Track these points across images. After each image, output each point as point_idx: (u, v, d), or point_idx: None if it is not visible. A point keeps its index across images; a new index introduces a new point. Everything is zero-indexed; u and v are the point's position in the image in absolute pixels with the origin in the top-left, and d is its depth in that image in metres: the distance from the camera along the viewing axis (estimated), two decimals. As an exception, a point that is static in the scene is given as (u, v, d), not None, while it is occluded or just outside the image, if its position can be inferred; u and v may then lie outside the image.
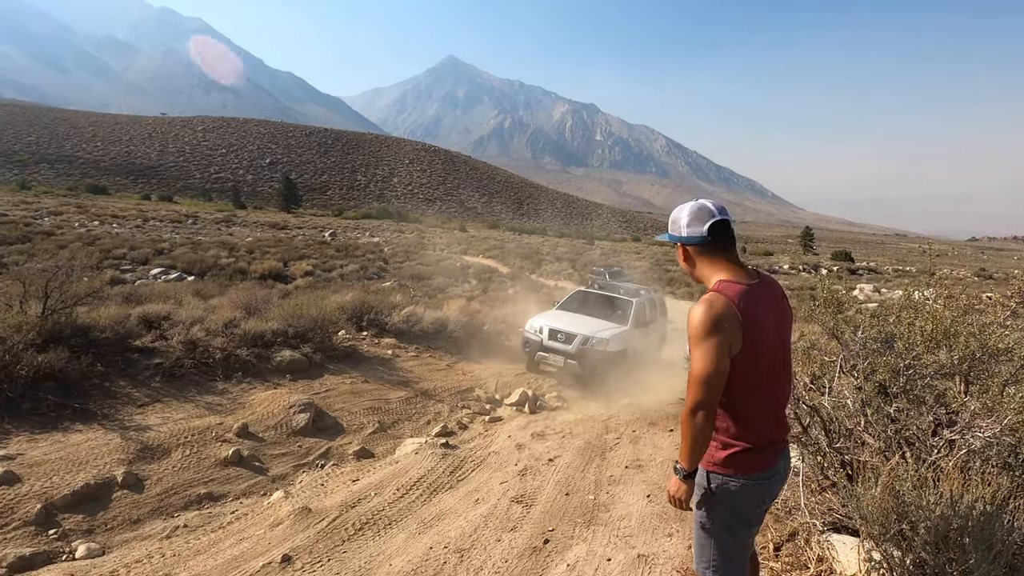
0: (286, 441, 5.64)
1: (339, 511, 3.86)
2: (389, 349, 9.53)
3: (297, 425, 5.92)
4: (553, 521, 3.41)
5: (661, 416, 6.18)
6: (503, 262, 37.72)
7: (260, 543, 3.45)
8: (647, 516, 3.30)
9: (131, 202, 66.41)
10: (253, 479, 4.86)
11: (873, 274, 42.47)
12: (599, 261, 38.51)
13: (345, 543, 3.43)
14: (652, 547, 2.88)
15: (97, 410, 5.35)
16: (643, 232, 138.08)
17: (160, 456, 4.81)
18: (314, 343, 8.17)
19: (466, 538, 3.27)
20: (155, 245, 25.57)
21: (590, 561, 2.81)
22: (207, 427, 5.40)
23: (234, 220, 52.53)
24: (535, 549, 3.03)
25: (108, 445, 4.73)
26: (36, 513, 3.76)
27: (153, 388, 6.08)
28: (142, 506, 4.17)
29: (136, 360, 6.48)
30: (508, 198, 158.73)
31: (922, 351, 2.35)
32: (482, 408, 7.79)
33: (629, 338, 9.52)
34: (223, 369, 6.82)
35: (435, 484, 4.46)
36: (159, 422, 5.38)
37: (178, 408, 5.79)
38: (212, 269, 20.43)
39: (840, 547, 2.44)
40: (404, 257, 31.82)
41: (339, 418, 6.43)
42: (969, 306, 2.51)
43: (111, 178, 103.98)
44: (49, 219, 33.97)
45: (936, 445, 2.26)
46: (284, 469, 5.18)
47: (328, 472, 5.09)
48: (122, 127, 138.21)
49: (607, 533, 3.14)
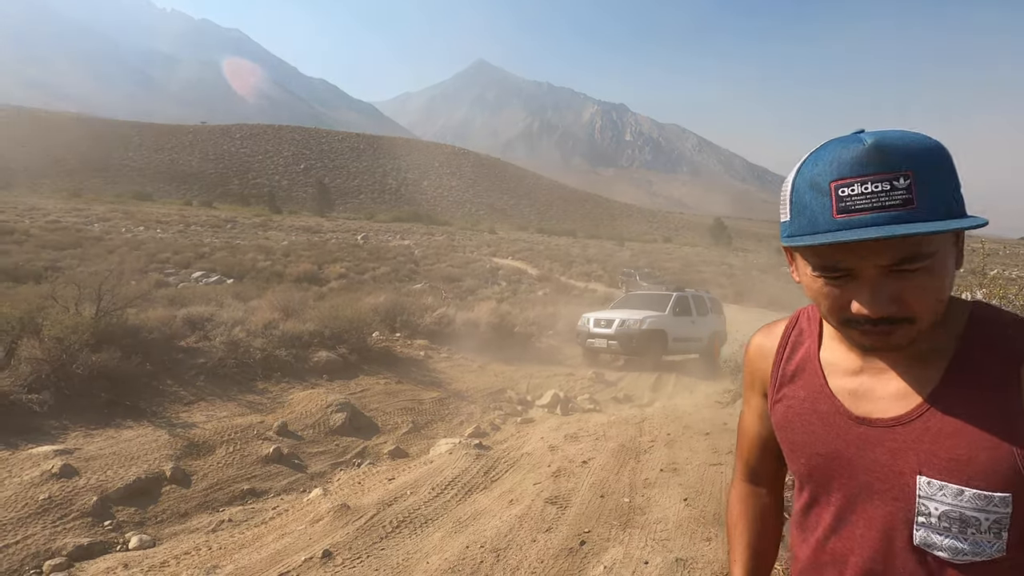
0: (324, 440, 5.78)
1: (376, 509, 3.93)
2: (422, 350, 9.66)
3: (334, 424, 6.05)
4: (588, 523, 3.40)
5: (697, 419, 6.08)
6: (533, 264, 37.74)
7: (301, 538, 3.55)
8: (684, 520, 3.26)
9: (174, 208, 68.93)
10: (293, 476, 4.99)
11: (917, 274, 40.84)
12: (629, 263, 38.18)
13: (383, 540, 3.50)
14: (690, 551, 2.85)
15: (146, 407, 5.59)
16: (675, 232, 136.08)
17: (205, 452, 4.99)
18: (349, 344, 8.34)
19: (502, 538, 3.30)
20: (196, 249, 26.51)
21: (627, 564, 2.80)
22: (249, 425, 5.57)
23: (270, 224, 53.99)
24: (571, 551, 3.03)
25: (157, 441, 4.93)
26: (92, 505, 3.95)
27: (197, 387, 6.31)
28: (189, 500, 4.33)
29: (181, 360, 6.74)
30: (537, 200, 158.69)
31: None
32: (514, 409, 7.82)
33: (667, 322, 11.23)
34: (263, 369, 7.03)
35: (469, 484, 4.50)
36: (204, 419, 5.59)
37: (221, 406, 6.00)
38: (250, 272, 21.08)
39: None
40: (435, 259, 32.17)
41: (374, 418, 6.55)
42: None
43: (155, 185, 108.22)
44: (99, 225, 35.59)
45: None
46: (322, 467, 5.30)
47: (365, 471, 5.19)
48: (165, 136, 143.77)
49: (643, 536, 3.12)
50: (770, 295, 24.84)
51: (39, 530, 3.63)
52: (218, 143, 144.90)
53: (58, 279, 10.48)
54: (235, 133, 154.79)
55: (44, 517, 3.76)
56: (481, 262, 32.89)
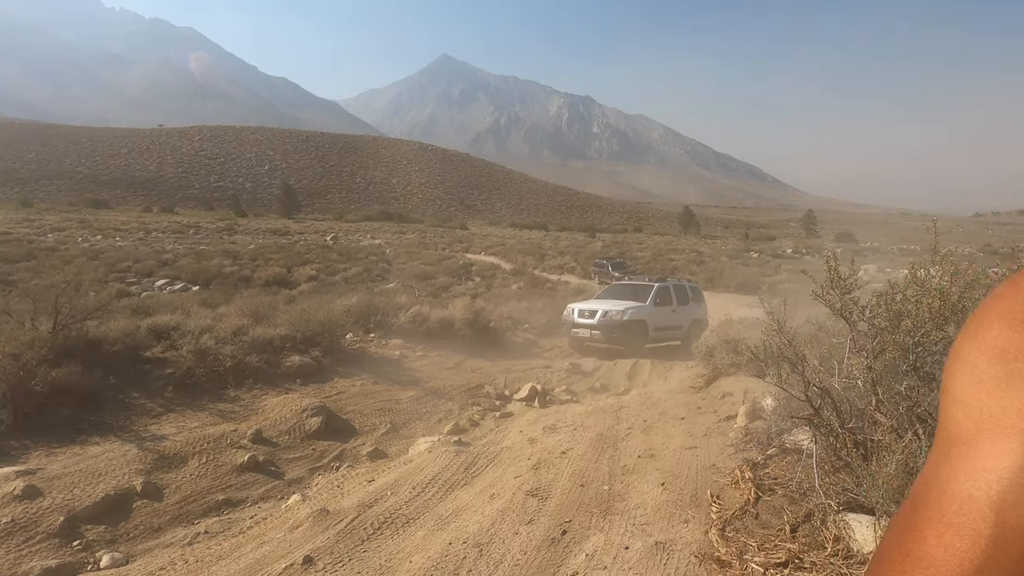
0: (300, 445, 5.69)
1: (357, 511, 3.89)
2: (397, 350, 9.58)
3: (310, 429, 5.97)
4: (569, 512, 3.43)
5: (671, 405, 6.19)
6: (506, 258, 37.75)
7: (281, 546, 3.49)
8: (662, 504, 3.33)
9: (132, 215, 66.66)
10: (270, 483, 4.91)
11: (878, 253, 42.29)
12: (601, 253, 38.51)
13: (365, 542, 3.47)
14: (669, 534, 2.91)
15: (112, 422, 5.41)
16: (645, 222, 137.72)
17: (177, 465, 4.86)
18: (322, 347, 8.23)
19: (484, 532, 3.31)
20: (159, 257, 25.73)
21: (608, 550, 2.84)
22: (222, 434, 5.45)
23: (236, 228, 52.72)
24: (553, 540, 3.06)
25: (125, 456, 4.79)
26: (59, 525, 3.82)
27: (166, 398, 6.14)
28: (162, 514, 4.22)
29: (148, 371, 6.54)
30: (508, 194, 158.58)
31: (931, 328, 2.36)
32: (492, 404, 7.83)
33: (648, 312, 11.67)
34: (234, 376, 6.88)
35: (450, 481, 4.49)
36: (174, 431, 5.44)
37: (192, 417, 5.86)
38: (217, 278, 20.56)
39: (856, 526, 2.46)
40: (407, 258, 31.88)
41: (351, 420, 6.48)
42: (975, 280, 2.51)
43: (111, 192, 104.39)
44: (53, 235, 34.19)
45: (948, 421, 2.27)
46: (300, 472, 5.23)
47: (344, 474, 5.13)
48: (120, 140, 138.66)
49: (624, 522, 3.17)
50: (739, 280, 25.40)
51: (2, 555, 3.50)
52: (177, 146, 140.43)
53: (11, 293, 10.04)
54: (194, 135, 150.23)
55: (7, 541, 3.62)
56: (454, 259, 32.75)
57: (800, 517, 2.73)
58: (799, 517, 2.73)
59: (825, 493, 2.73)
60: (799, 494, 2.92)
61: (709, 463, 3.89)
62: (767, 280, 24.23)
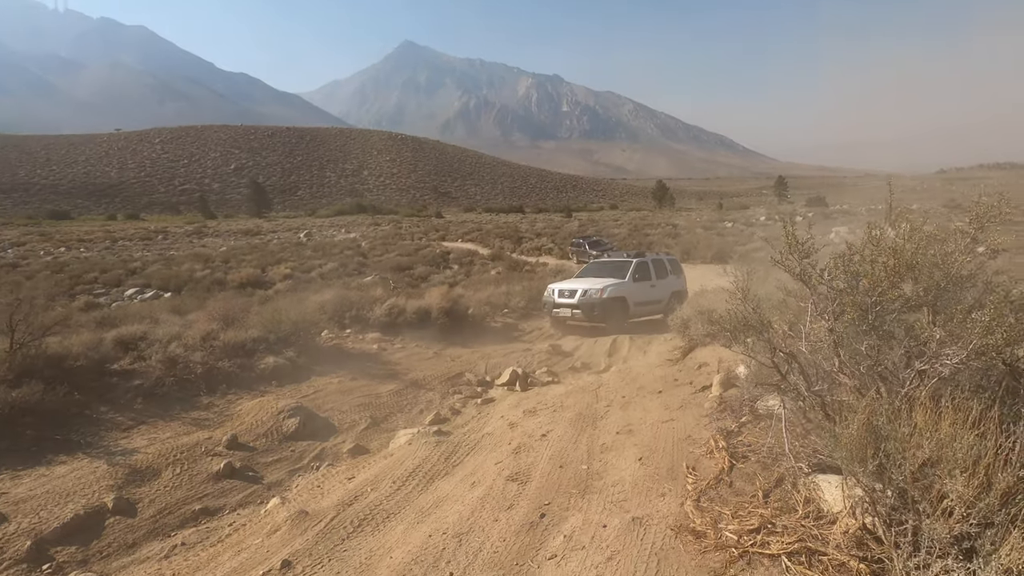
0: (278, 447, 5.60)
1: (336, 510, 3.84)
2: (374, 344, 9.48)
3: (288, 430, 5.87)
4: (549, 495, 3.43)
5: (649, 379, 6.24)
6: (483, 244, 37.61)
7: (259, 552, 3.43)
8: (640, 479, 3.34)
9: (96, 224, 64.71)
10: (248, 489, 4.82)
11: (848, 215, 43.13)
12: (578, 232, 38.59)
13: (345, 541, 3.42)
14: (646, 509, 2.92)
15: (80, 439, 5.25)
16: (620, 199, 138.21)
17: (150, 478, 4.74)
18: (297, 346, 8.09)
19: (464, 522, 3.29)
20: (126, 265, 25.06)
21: (586, 529, 2.84)
22: (195, 443, 5.33)
23: (205, 231, 51.58)
24: (532, 524, 3.06)
25: (95, 473, 4.65)
26: (27, 550, 3.69)
27: (136, 410, 5.98)
28: (137, 530, 4.11)
29: (116, 384, 6.36)
30: (482, 179, 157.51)
31: (887, 286, 2.37)
32: (474, 391, 7.80)
33: (627, 289, 11.79)
34: (206, 383, 6.73)
35: (431, 472, 4.46)
36: (145, 444, 5.30)
37: (164, 427, 5.71)
38: (188, 283, 20.08)
39: (826, 486, 2.49)
40: (383, 250, 31.54)
41: (330, 418, 6.40)
42: (931, 237, 2.53)
43: (72, 201, 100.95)
44: (12, 251, 33.02)
45: (908, 377, 2.30)
46: (279, 475, 5.14)
47: (324, 473, 5.07)
48: (76, 148, 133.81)
49: (602, 500, 3.17)
50: (715, 250, 25.68)
51: (-33, 586, 3.38)
52: (137, 150, 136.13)
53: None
54: (154, 138, 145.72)
55: (-29, 571, 3.49)
56: (431, 248, 32.48)
57: (772, 482, 2.76)
58: (771, 482, 2.76)
59: (795, 457, 2.76)
60: (771, 459, 2.96)
61: (685, 435, 3.92)
62: (741, 249, 24.55)
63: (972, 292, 2.49)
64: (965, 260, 2.45)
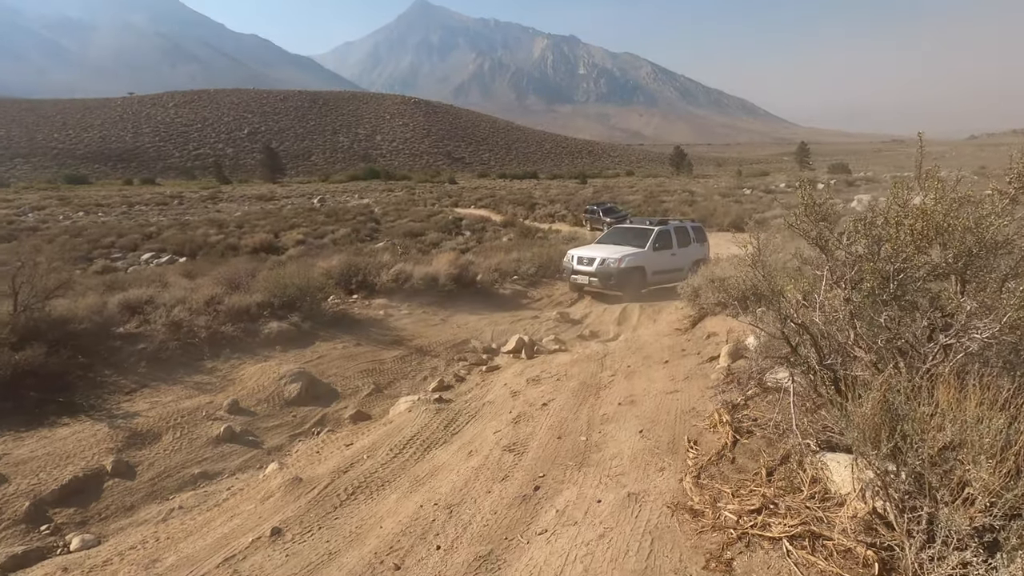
0: (280, 413, 5.58)
1: (331, 478, 3.80)
2: (381, 309, 9.41)
3: (290, 395, 5.85)
4: (544, 467, 3.33)
5: (656, 348, 6.08)
6: (496, 210, 37.18)
7: (251, 518, 3.40)
8: (639, 452, 3.21)
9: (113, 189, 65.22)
10: (248, 453, 4.82)
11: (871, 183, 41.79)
12: (592, 199, 37.93)
13: (337, 509, 3.37)
14: (643, 484, 2.80)
15: (83, 402, 5.27)
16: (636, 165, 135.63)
17: (150, 441, 4.75)
18: (302, 311, 8.03)
19: (457, 493, 3.21)
20: (143, 230, 25.20)
21: (579, 504, 2.74)
22: (197, 407, 5.33)
23: (220, 196, 51.67)
24: (525, 498, 2.96)
25: (96, 436, 4.66)
26: (25, 511, 3.71)
27: (139, 374, 5.98)
28: (135, 492, 4.13)
29: (120, 347, 6.36)
30: (496, 144, 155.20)
31: (912, 252, 2.15)
32: (479, 359, 7.72)
33: (646, 258, 11.66)
34: (210, 347, 6.71)
35: (429, 440, 4.40)
36: (147, 407, 5.31)
37: (166, 391, 5.71)
38: (203, 248, 20.22)
39: (834, 466, 2.33)
40: (396, 216, 31.34)
41: (333, 384, 6.37)
42: (964, 198, 2.29)
43: (90, 166, 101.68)
44: (33, 215, 33.41)
45: (931, 352, 2.10)
46: (280, 440, 5.14)
47: (324, 439, 5.05)
48: (91, 112, 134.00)
49: (598, 474, 3.06)
50: (732, 218, 25.06)
51: (-35, 545, 3.40)
52: (151, 115, 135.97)
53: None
54: (167, 102, 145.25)
55: (-30, 531, 3.52)
56: (443, 214, 32.19)
57: (777, 459, 2.61)
58: (776, 459, 2.61)
59: (803, 433, 2.60)
60: (777, 435, 2.80)
61: (689, 407, 3.78)
62: (760, 216, 23.92)
63: (1007, 260, 2.25)
64: (1002, 224, 2.21)
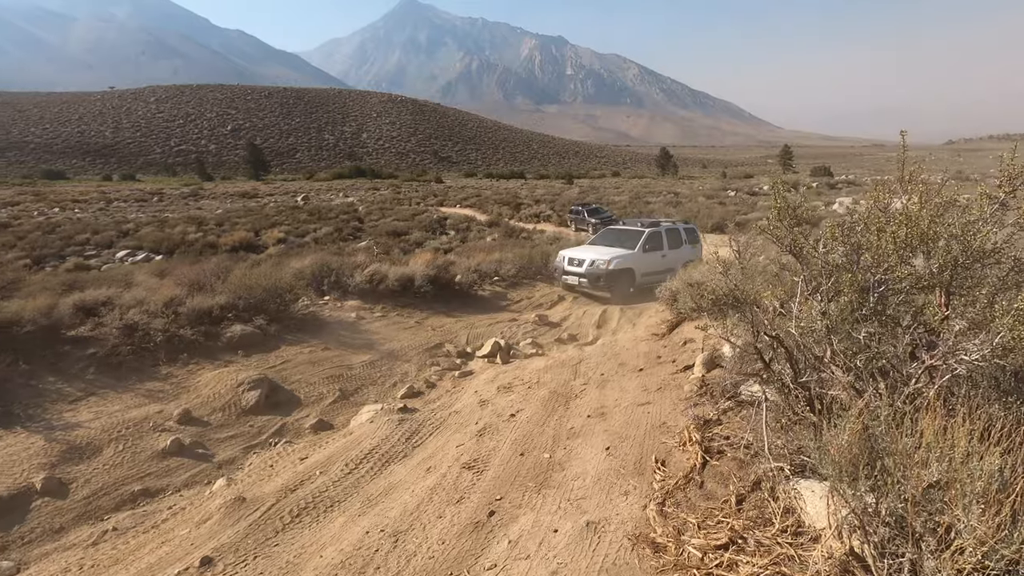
0: (235, 422, 5.28)
1: (276, 498, 3.52)
2: (353, 311, 9.11)
3: (247, 403, 5.55)
4: (503, 488, 3.09)
5: (632, 355, 5.87)
6: (481, 210, 36.89)
7: (182, 545, 3.12)
8: (603, 473, 2.99)
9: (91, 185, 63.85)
10: (196, 468, 4.51)
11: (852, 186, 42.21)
12: (578, 199, 37.81)
13: (278, 534, 3.11)
14: (605, 510, 2.57)
15: (20, 412, 4.92)
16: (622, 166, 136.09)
17: (90, 455, 4.43)
18: (268, 313, 7.71)
19: (407, 517, 2.96)
20: (119, 227, 24.54)
21: (534, 534, 2.50)
22: (144, 417, 5.01)
23: (201, 193, 50.73)
24: (478, 524, 2.72)
25: (28, 450, 4.33)
26: (-64, 536, 3.39)
27: (87, 381, 5.64)
28: (66, 513, 3.81)
29: (68, 352, 6.00)
30: (483, 144, 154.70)
31: (895, 261, 1.96)
32: (452, 363, 7.47)
33: (636, 260, 11.73)
34: (166, 352, 6.37)
35: (388, 454, 4.14)
36: (91, 417, 4.98)
37: (114, 400, 5.38)
38: (181, 246, 19.68)
39: (808, 496, 2.12)
40: (380, 215, 30.92)
41: (295, 390, 6.07)
42: (949, 202, 2.09)
43: (67, 161, 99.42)
44: (5, 211, 32.43)
45: (914, 374, 1.90)
46: (233, 453, 4.84)
47: (280, 451, 4.76)
48: (70, 106, 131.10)
49: (558, 497, 2.83)
50: (716, 220, 25.06)
51: None
52: (131, 109, 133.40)
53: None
54: (148, 97, 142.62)
55: None
56: (428, 213, 31.83)
57: (748, 485, 2.40)
58: (747, 485, 2.40)
59: (777, 456, 2.39)
60: (749, 457, 2.59)
61: (660, 421, 3.56)
62: (743, 218, 23.94)
63: (995, 271, 2.06)
64: (989, 231, 2.02)
